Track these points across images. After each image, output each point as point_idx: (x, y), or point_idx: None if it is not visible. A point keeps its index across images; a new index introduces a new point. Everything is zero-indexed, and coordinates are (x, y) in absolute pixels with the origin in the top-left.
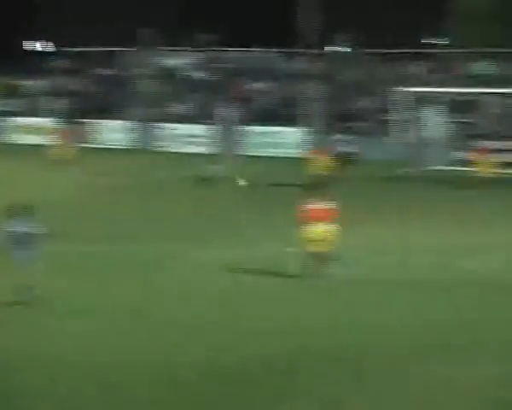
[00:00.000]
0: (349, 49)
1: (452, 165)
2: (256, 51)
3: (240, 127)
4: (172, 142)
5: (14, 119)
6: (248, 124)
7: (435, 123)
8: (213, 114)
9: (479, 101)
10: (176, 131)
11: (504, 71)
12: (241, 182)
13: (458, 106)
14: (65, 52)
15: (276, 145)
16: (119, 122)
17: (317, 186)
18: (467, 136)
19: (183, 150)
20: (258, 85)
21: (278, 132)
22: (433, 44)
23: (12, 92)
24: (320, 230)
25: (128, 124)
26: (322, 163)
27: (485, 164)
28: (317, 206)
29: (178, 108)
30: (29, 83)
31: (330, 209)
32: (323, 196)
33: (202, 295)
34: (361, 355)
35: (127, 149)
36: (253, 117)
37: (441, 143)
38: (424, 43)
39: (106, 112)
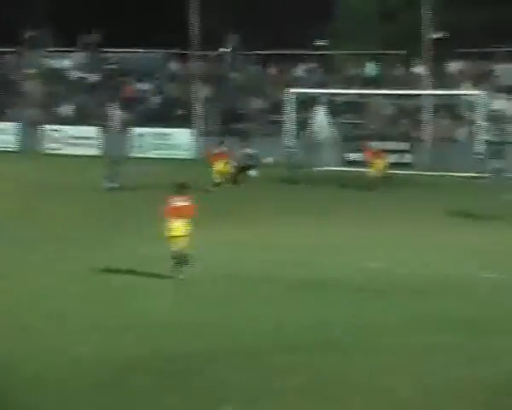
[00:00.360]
0: (238, 51)
1: (344, 166)
2: (145, 52)
3: (129, 129)
4: (60, 144)
5: None
6: (137, 125)
7: (327, 124)
8: (102, 116)
9: (368, 102)
10: (64, 133)
11: (388, 72)
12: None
13: (348, 107)
14: None
15: (166, 147)
16: (5, 124)
17: (180, 185)
18: (357, 137)
19: (72, 152)
20: (147, 87)
21: (168, 134)
22: (319, 46)
23: None
24: (180, 226)
25: (15, 126)
26: (219, 166)
27: (378, 164)
28: (178, 203)
29: (66, 110)
30: None
31: (189, 207)
32: (185, 195)
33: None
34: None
35: (13, 152)
36: (141, 118)
37: (333, 144)
38: (313, 45)
39: None
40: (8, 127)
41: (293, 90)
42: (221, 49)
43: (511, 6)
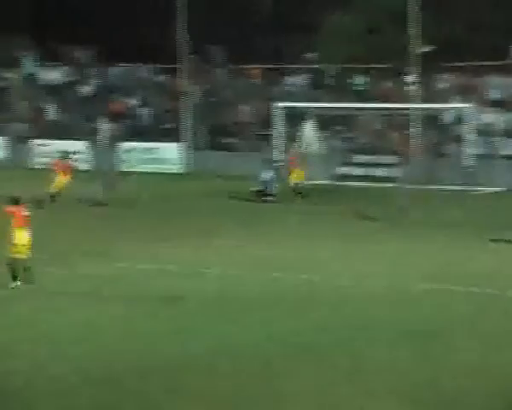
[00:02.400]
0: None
1: (334, 179)
2: (132, 66)
3: (117, 143)
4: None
5: None
6: (126, 139)
7: (315, 138)
8: (91, 130)
9: (357, 116)
10: (52, 147)
11: (377, 86)
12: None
13: (337, 121)
14: None
15: (154, 161)
16: None
17: (15, 198)
18: (347, 150)
19: None
20: (135, 101)
21: (156, 148)
22: (307, 59)
23: None
24: (25, 236)
25: (2, 140)
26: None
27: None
28: (22, 212)
29: (56, 123)
30: None
31: (28, 216)
32: (22, 203)
33: None
34: None
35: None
36: (130, 133)
37: (322, 158)
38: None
39: None
40: None
41: (281, 103)
42: (210, 63)
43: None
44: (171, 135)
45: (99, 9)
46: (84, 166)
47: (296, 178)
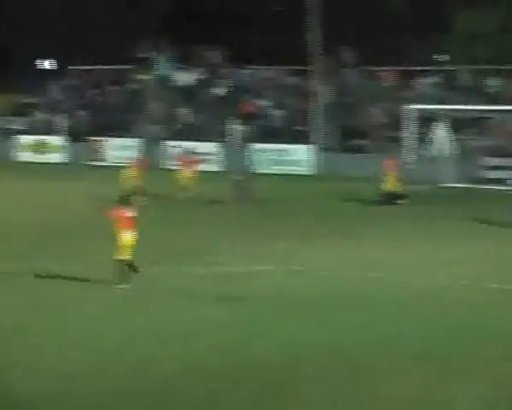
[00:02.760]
0: (357, 66)
1: (466, 182)
2: (265, 68)
3: (249, 144)
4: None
5: (21, 136)
6: (257, 141)
7: (447, 140)
8: (224, 131)
9: (490, 118)
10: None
11: (508, 87)
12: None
13: (470, 123)
14: (72, 70)
15: (285, 163)
16: (126, 139)
17: (125, 197)
18: (476, 153)
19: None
20: (266, 102)
21: (287, 150)
22: (439, 61)
23: (20, 110)
24: (129, 237)
25: (136, 141)
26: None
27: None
28: (127, 214)
29: (189, 125)
30: (35, 100)
31: (134, 218)
32: (130, 205)
33: None
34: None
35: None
36: (261, 134)
37: (453, 160)
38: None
39: (115, 129)
40: (131, 143)
41: (412, 105)
42: (339, 65)
43: None
44: (302, 136)
45: (232, 11)
46: (215, 168)
47: (391, 184)
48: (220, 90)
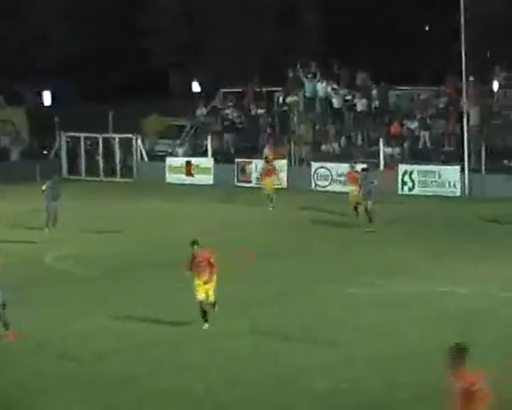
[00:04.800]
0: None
1: None
2: (412, 89)
3: (396, 166)
4: (327, 181)
5: (172, 158)
6: (405, 162)
7: None
8: (370, 153)
9: None
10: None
11: None
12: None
13: None
14: (220, 92)
15: (433, 184)
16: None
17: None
18: None
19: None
20: (414, 124)
21: (436, 171)
22: None
23: (170, 131)
24: (208, 278)
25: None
26: None
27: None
28: (201, 258)
29: (334, 147)
30: (185, 122)
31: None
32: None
33: None
34: None
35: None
36: (409, 155)
37: None
38: None
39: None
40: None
41: None
42: (488, 84)
43: None
44: (451, 158)
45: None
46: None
47: None
48: (366, 110)
